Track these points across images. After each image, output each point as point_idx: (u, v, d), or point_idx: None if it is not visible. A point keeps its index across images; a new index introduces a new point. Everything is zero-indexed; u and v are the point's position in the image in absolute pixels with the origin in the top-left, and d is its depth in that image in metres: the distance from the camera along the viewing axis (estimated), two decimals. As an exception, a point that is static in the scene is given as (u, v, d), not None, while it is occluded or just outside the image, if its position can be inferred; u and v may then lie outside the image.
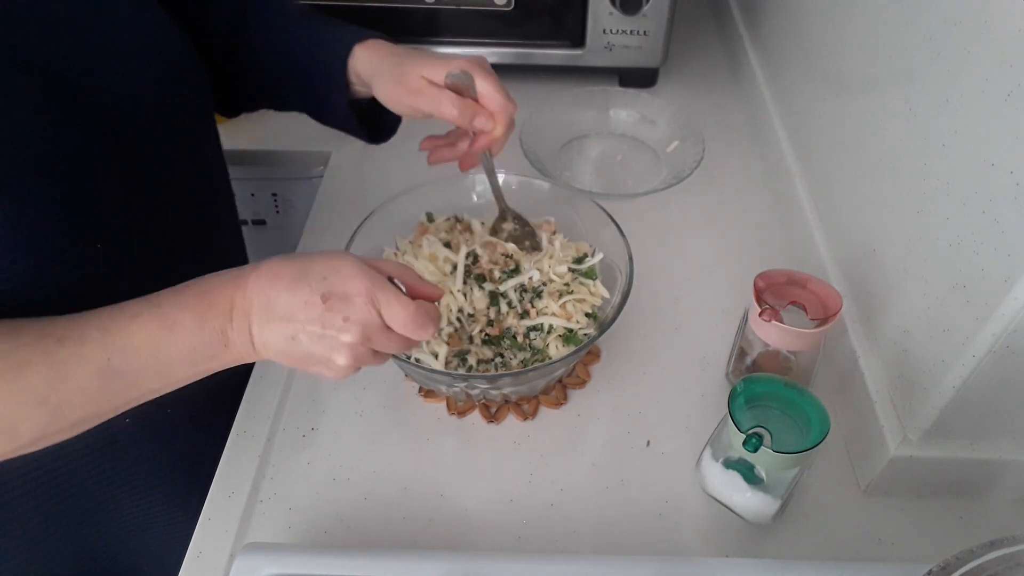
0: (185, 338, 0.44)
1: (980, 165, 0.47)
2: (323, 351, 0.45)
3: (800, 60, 0.82)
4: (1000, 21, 0.45)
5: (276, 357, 0.46)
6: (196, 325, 0.44)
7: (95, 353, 0.43)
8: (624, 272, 0.63)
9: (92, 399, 0.44)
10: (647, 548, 0.56)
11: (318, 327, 0.45)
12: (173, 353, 0.44)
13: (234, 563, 0.50)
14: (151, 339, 0.44)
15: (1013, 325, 0.45)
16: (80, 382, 0.43)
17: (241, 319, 0.45)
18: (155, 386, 0.46)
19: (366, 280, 0.45)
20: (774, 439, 0.50)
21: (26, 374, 0.42)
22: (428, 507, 0.58)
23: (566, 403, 0.65)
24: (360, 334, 0.45)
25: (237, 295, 0.45)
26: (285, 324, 0.45)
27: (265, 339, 0.45)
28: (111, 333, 0.43)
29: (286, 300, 0.45)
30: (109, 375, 0.43)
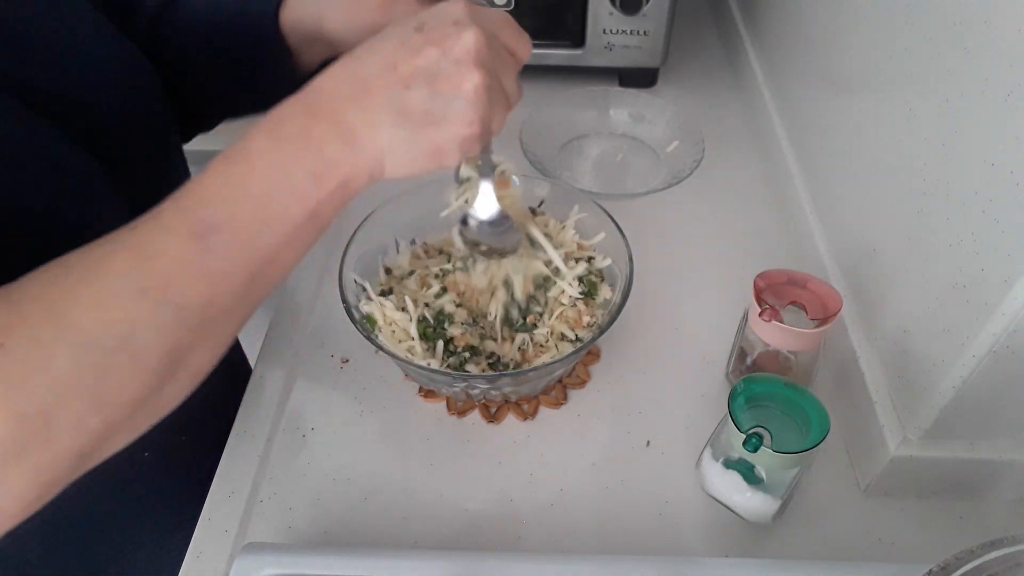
0: (267, 160, 0.37)
1: (980, 165, 0.47)
2: (449, 82, 0.37)
3: (800, 60, 0.82)
4: (1000, 21, 0.45)
5: (391, 134, 0.38)
6: (272, 142, 0.37)
7: (175, 217, 0.36)
8: (624, 272, 0.63)
9: (200, 271, 0.36)
10: (647, 548, 0.56)
11: (432, 50, 0.37)
12: (263, 184, 0.37)
13: (234, 563, 0.50)
14: (229, 177, 0.37)
15: (1013, 325, 0.45)
16: (174, 253, 0.35)
17: (329, 111, 0.37)
18: (264, 233, 0.37)
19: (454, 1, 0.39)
20: (774, 439, 0.50)
21: (106, 267, 0.35)
22: (428, 507, 0.58)
23: (566, 403, 0.65)
24: (480, 36, 0.37)
25: (312, 95, 0.38)
26: (388, 77, 0.37)
27: (370, 116, 0.37)
28: (184, 196, 0.36)
29: (377, 57, 0.37)
30: (203, 235, 0.36)
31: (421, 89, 0.37)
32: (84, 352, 0.33)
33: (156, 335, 0.35)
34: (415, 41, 0.37)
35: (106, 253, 0.35)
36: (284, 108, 0.39)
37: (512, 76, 0.41)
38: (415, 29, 0.38)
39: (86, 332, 0.33)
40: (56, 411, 0.33)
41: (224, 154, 0.38)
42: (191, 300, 0.36)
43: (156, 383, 0.36)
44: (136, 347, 0.34)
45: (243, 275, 0.37)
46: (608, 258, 0.66)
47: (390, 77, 0.37)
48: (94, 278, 0.34)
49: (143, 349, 0.35)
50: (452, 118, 0.38)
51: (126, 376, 0.34)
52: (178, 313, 0.35)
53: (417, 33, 0.38)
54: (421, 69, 0.37)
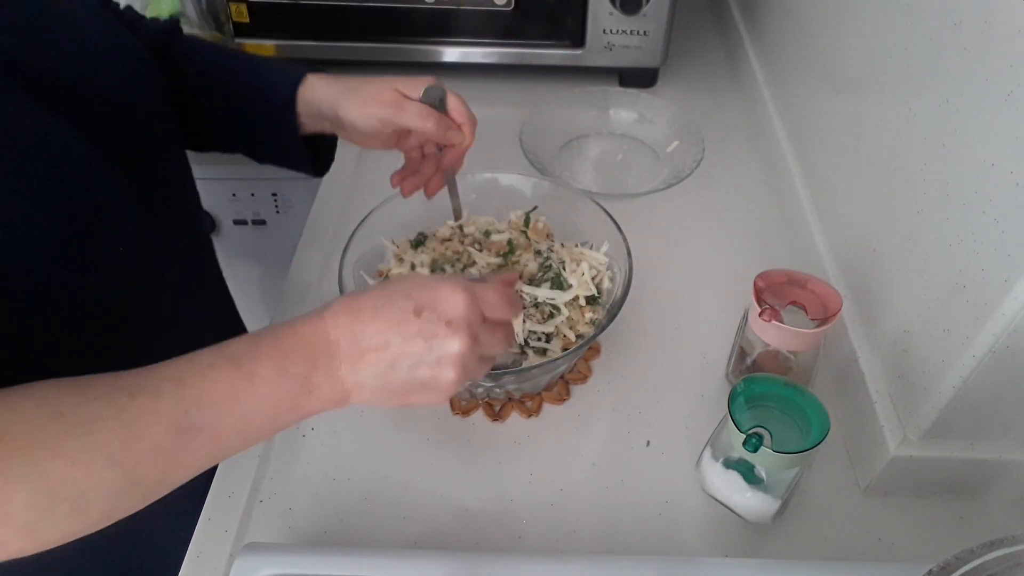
0: (266, 388, 0.41)
1: (980, 165, 0.47)
2: (428, 372, 0.43)
3: (800, 60, 0.82)
4: (1000, 21, 0.45)
5: (372, 395, 0.43)
6: (276, 374, 0.41)
7: (171, 407, 0.39)
8: (624, 271, 0.63)
9: (168, 459, 0.39)
10: (647, 548, 0.56)
11: (420, 343, 0.42)
12: (254, 406, 0.41)
13: (234, 563, 0.50)
14: (229, 391, 0.40)
15: (1013, 325, 0.45)
16: (155, 440, 0.38)
17: (326, 362, 0.42)
18: (234, 443, 0.42)
19: (451, 282, 0.43)
20: (774, 439, 0.50)
21: (96, 430, 0.37)
22: (428, 507, 0.58)
23: (569, 398, 0.65)
24: (468, 334, 0.43)
25: (317, 339, 0.42)
26: (380, 353, 0.42)
27: (358, 377, 0.42)
28: (186, 385, 0.40)
29: (375, 329, 0.42)
30: (186, 431, 0.39)
31: (404, 372, 0.43)
32: (39, 496, 0.36)
33: (106, 498, 0.38)
34: (410, 328, 0.42)
35: (98, 416, 0.37)
36: (292, 338, 0.42)
37: (498, 345, 0.46)
38: (413, 312, 0.42)
39: (50, 482, 0.36)
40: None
41: (234, 357, 0.41)
42: (150, 479, 0.39)
43: (84, 530, 0.39)
44: (84, 503, 0.37)
45: (200, 466, 0.41)
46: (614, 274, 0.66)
47: (381, 354, 0.42)
48: (79, 438, 0.37)
49: (89, 507, 0.38)
50: (426, 395, 0.44)
51: (62, 522, 0.37)
52: (134, 486, 0.39)
53: (414, 317, 0.42)
54: (407, 355, 0.42)
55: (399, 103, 0.60)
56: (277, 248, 1.08)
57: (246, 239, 1.08)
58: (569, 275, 0.64)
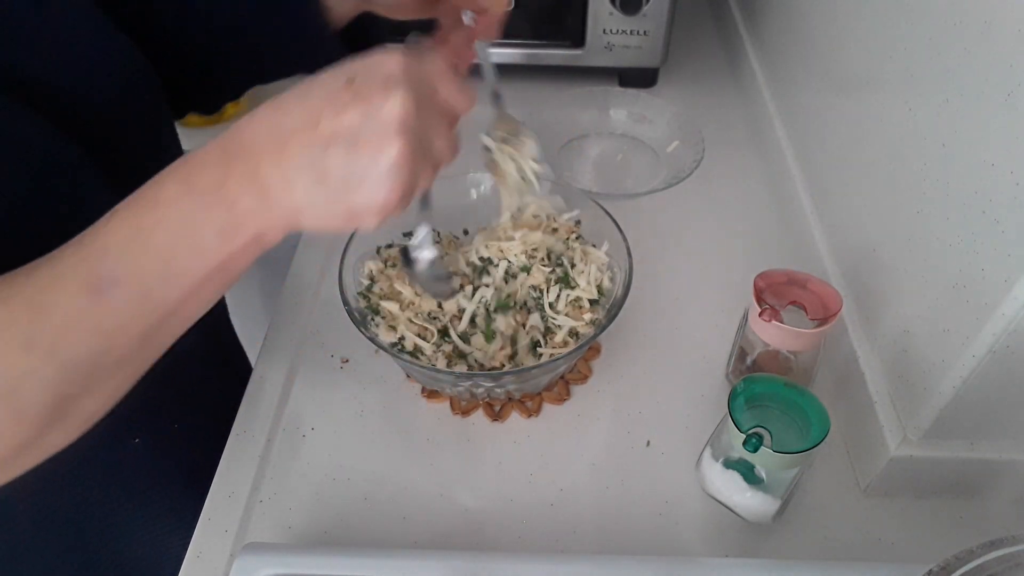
0: (174, 212, 0.35)
1: (980, 165, 0.47)
2: (369, 150, 0.35)
3: (800, 60, 0.82)
4: (1000, 21, 0.45)
5: (305, 196, 0.36)
6: (182, 192, 0.35)
7: (73, 268, 0.34)
8: (624, 271, 0.63)
9: (92, 326, 0.34)
10: (647, 548, 0.56)
11: (354, 112, 0.34)
12: (166, 238, 0.35)
13: (234, 563, 0.50)
14: (133, 228, 0.35)
15: (1013, 325, 0.45)
16: (67, 308, 0.33)
17: (243, 163, 0.35)
18: (163, 289, 0.36)
19: (391, 50, 0.36)
20: (774, 439, 0.50)
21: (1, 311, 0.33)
22: (428, 507, 0.58)
23: (569, 399, 0.65)
24: (410, 92, 0.35)
25: (231, 142, 0.36)
26: (307, 134, 0.35)
27: (285, 172, 0.35)
28: (85, 243, 0.35)
29: (302, 107, 0.35)
30: (99, 289, 0.34)
31: (340, 152, 0.35)
32: None
33: (39, 388, 0.34)
34: (342, 97, 0.35)
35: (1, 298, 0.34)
36: (202, 152, 0.37)
37: (444, 135, 0.39)
38: (346, 81, 0.35)
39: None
40: None
41: (134, 196, 0.36)
42: (80, 355, 0.35)
43: (37, 432, 0.35)
44: (18, 399, 0.34)
45: (140, 328, 0.36)
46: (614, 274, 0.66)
47: (311, 135, 0.35)
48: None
49: (25, 401, 0.34)
50: (370, 186, 0.36)
51: (5, 425, 0.34)
52: (64, 367, 0.34)
53: (346, 87, 0.35)
54: (343, 130, 0.35)
55: None
56: (277, 248, 1.07)
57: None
58: (577, 275, 0.64)
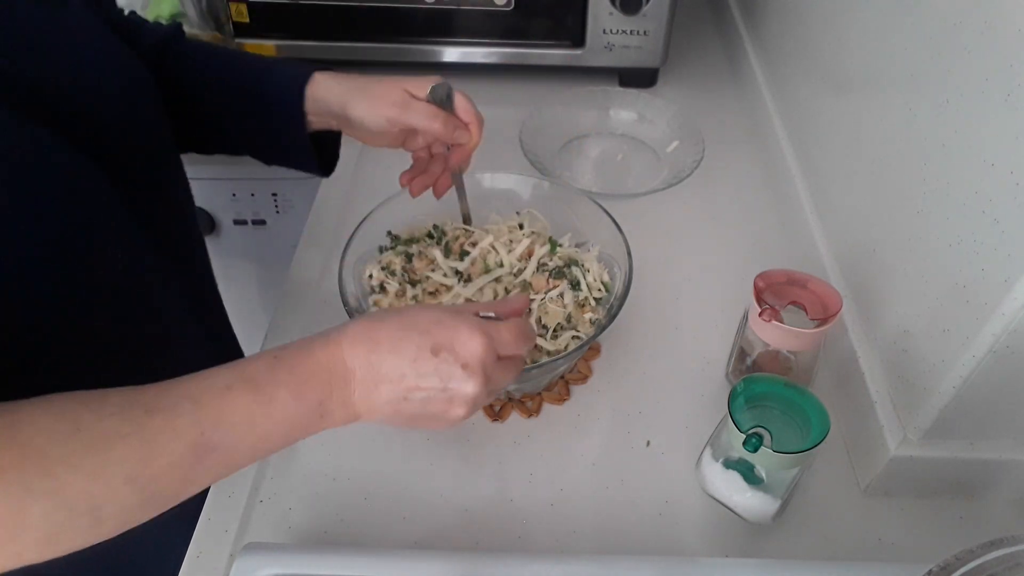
0: (282, 412, 0.42)
1: (980, 165, 0.47)
2: (439, 407, 0.45)
3: (800, 60, 0.82)
4: (1000, 21, 0.45)
5: (384, 419, 0.46)
6: (293, 399, 0.43)
7: (188, 427, 0.40)
8: (624, 271, 0.63)
9: (183, 476, 0.40)
10: (647, 548, 0.56)
11: (435, 381, 0.44)
12: (269, 428, 0.42)
13: (234, 563, 0.50)
14: (247, 413, 0.41)
15: (1013, 325, 0.45)
16: (172, 457, 0.39)
17: (341, 389, 0.44)
18: (246, 461, 0.43)
19: (468, 323, 0.45)
20: (774, 439, 0.50)
21: (114, 447, 0.38)
22: (428, 507, 0.58)
23: (569, 399, 0.65)
24: (482, 377, 0.44)
25: (335, 366, 0.44)
26: (394, 385, 0.44)
27: (372, 404, 0.44)
28: (204, 406, 0.40)
29: (393, 362, 0.44)
30: (202, 450, 0.40)
31: (417, 404, 0.45)
32: (58, 509, 0.36)
33: (121, 512, 0.39)
34: (426, 365, 0.44)
35: (117, 433, 0.38)
36: (310, 363, 0.44)
37: (509, 379, 0.48)
38: (431, 351, 0.44)
39: (68, 496, 0.37)
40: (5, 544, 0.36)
41: (253, 380, 0.42)
42: (165, 494, 0.40)
43: (98, 540, 0.39)
44: (100, 517, 0.38)
45: (211, 481, 0.43)
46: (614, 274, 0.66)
47: (397, 385, 0.44)
48: (98, 454, 0.37)
49: (105, 519, 0.38)
50: (435, 423, 0.46)
51: (79, 534, 0.38)
52: (148, 501, 0.40)
53: (432, 356, 0.44)
54: (422, 390, 0.44)
55: (407, 103, 0.60)
56: (277, 248, 1.08)
57: (246, 239, 1.08)
58: (583, 275, 0.64)
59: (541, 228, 0.70)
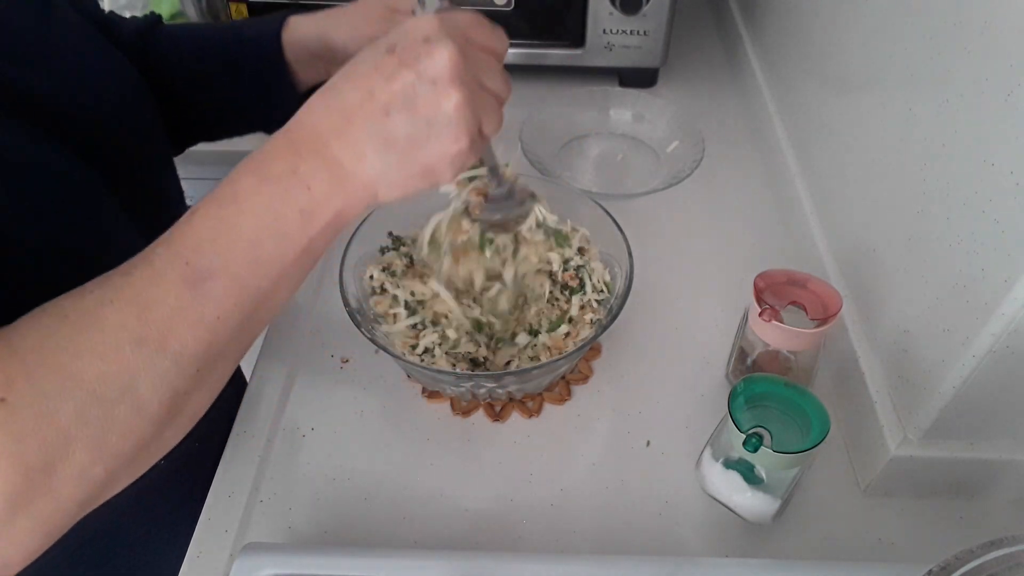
0: (255, 202, 0.37)
1: (980, 165, 0.47)
2: (427, 103, 0.37)
3: (800, 60, 0.82)
4: (1000, 21, 0.45)
5: (379, 161, 0.38)
6: (259, 182, 0.37)
7: (168, 264, 0.36)
8: (624, 270, 0.63)
9: (195, 318, 0.36)
10: (647, 548, 0.56)
11: (405, 73, 0.37)
12: (252, 226, 0.37)
13: (234, 563, 0.50)
14: (218, 222, 0.37)
15: (1013, 325, 0.45)
16: (169, 302, 0.36)
17: (313, 148, 0.38)
18: (255, 276, 0.38)
19: (423, 15, 0.38)
20: (774, 439, 0.50)
21: (104, 315, 0.35)
22: (428, 507, 0.58)
23: (570, 399, 0.65)
24: (452, 43, 0.37)
25: (293, 132, 0.38)
26: (366, 106, 0.37)
27: (355, 147, 0.38)
28: (175, 240, 0.37)
29: (352, 88, 0.37)
30: (196, 281, 0.36)
31: (401, 114, 0.37)
32: (87, 404, 0.33)
33: (156, 384, 0.36)
34: (388, 64, 0.37)
35: (101, 302, 0.35)
36: (268, 146, 0.39)
37: (495, 75, 0.41)
38: (386, 51, 0.37)
39: (88, 384, 0.34)
40: (61, 463, 0.33)
41: (212, 195, 0.38)
42: (189, 347, 0.36)
43: (157, 430, 0.36)
44: (137, 397, 0.35)
45: (238, 317, 0.38)
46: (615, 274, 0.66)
47: (369, 106, 0.37)
48: (92, 330, 0.35)
49: (144, 399, 0.35)
50: (438, 138, 0.38)
51: (128, 426, 0.35)
52: (176, 361, 0.36)
53: (389, 55, 0.37)
54: (398, 94, 0.37)
55: (390, 19, 0.56)
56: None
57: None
58: (588, 276, 0.64)
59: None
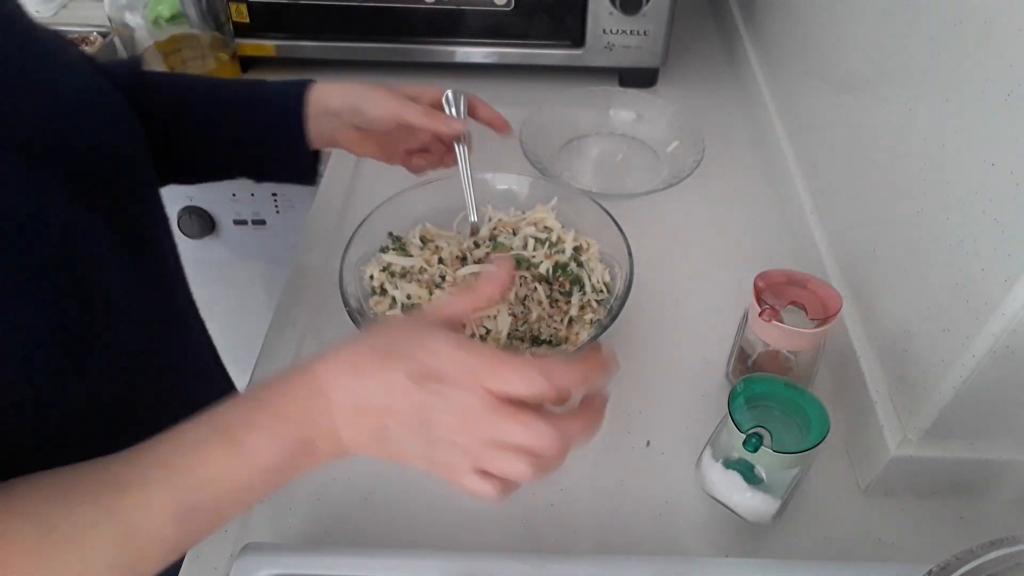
0: (262, 459, 0.39)
1: (980, 165, 0.47)
2: (421, 447, 0.40)
3: (800, 60, 0.82)
4: (1000, 21, 0.45)
5: (373, 455, 0.42)
6: (272, 443, 0.40)
7: (164, 498, 0.38)
8: (624, 270, 0.63)
9: (169, 544, 0.39)
10: (647, 548, 0.56)
11: (413, 415, 0.39)
12: (251, 476, 0.39)
13: (234, 563, 0.50)
14: (224, 468, 0.39)
15: (1013, 325, 0.45)
16: (153, 532, 0.38)
17: (325, 422, 0.40)
18: (236, 510, 0.41)
19: (465, 353, 0.39)
20: (774, 439, 0.50)
21: (89, 539, 0.37)
22: (428, 507, 0.58)
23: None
24: (461, 420, 0.38)
25: (314, 401, 0.40)
26: (375, 416, 0.40)
27: (356, 435, 0.41)
28: (177, 471, 0.38)
29: (374, 387, 0.40)
30: (185, 516, 0.38)
31: (400, 435, 0.40)
32: None
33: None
34: (410, 395, 0.39)
35: (90, 523, 0.37)
36: (287, 405, 0.40)
37: (515, 431, 0.40)
38: (412, 378, 0.39)
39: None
40: None
41: (226, 431, 0.40)
42: (153, 564, 0.39)
43: None
44: None
45: (203, 537, 0.41)
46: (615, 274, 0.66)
47: (379, 414, 0.40)
48: (74, 552, 0.36)
49: None
50: (456, 473, 0.41)
51: None
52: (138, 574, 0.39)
53: (413, 384, 0.39)
54: (405, 421, 0.39)
55: (407, 102, 0.64)
56: (277, 248, 1.08)
57: (246, 239, 1.08)
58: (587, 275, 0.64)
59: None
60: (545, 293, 0.63)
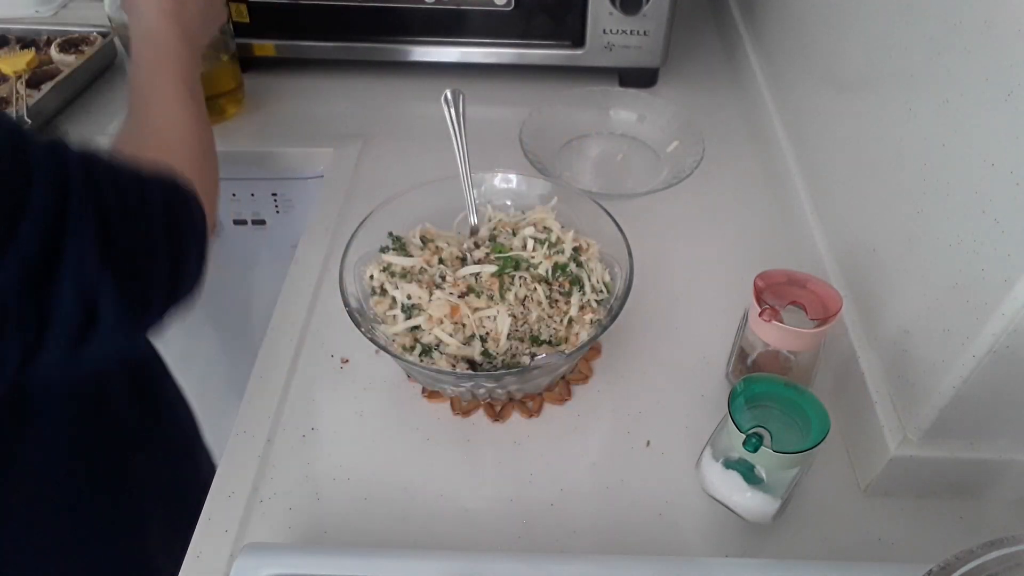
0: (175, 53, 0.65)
1: (980, 165, 0.47)
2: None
3: (800, 60, 0.82)
4: (1000, 21, 0.45)
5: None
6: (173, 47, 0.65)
7: (172, 75, 0.64)
8: (624, 270, 0.63)
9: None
10: (647, 548, 0.56)
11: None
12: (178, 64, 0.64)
13: (234, 563, 0.50)
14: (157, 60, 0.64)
15: (1013, 325, 0.45)
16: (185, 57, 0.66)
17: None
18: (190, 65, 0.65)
19: None
20: (774, 439, 0.50)
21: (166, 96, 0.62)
22: (428, 507, 0.58)
23: (570, 399, 0.65)
24: None
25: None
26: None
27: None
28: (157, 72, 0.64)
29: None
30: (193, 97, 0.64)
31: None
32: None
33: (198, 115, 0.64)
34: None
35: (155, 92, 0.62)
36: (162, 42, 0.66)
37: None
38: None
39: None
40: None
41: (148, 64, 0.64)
42: (201, 99, 0.66)
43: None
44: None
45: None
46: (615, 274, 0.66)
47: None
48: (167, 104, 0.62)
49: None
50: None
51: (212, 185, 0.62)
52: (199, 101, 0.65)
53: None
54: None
55: None
56: (277, 248, 1.08)
57: (246, 239, 1.08)
58: (587, 275, 0.64)
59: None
60: (545, 293, 0.63)
